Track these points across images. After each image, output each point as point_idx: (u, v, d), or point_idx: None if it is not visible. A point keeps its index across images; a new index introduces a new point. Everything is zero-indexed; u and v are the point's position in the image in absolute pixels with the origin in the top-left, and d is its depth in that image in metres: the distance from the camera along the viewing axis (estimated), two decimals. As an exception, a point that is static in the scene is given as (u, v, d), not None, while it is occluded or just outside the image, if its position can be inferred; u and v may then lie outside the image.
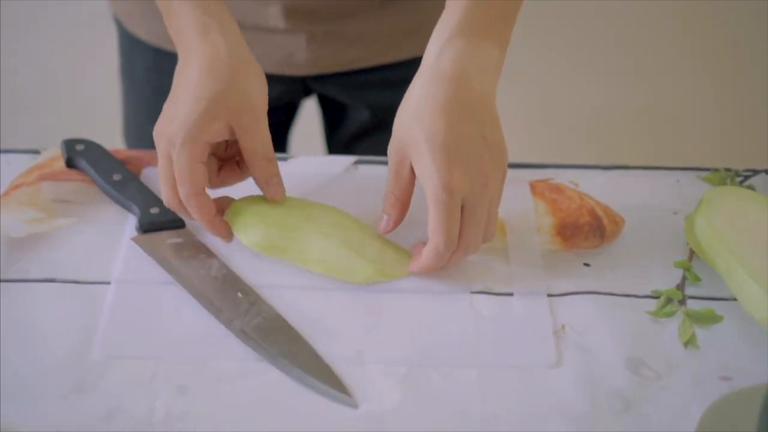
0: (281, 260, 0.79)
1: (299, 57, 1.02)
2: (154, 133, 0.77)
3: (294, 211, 0.80)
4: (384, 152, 0.79)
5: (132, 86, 1.11)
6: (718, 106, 1.92)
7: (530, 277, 0.79)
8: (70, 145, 0.86)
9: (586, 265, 0.81)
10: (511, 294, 0.78)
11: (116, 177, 0.84)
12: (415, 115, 0.75)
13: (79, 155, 0.86)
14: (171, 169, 0.76)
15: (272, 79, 1.03)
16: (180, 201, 0.77)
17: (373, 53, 1.04)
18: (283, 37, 1.01)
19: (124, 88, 1.13)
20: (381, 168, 0.89)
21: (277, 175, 0.79)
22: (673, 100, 1.92)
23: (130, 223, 0.82)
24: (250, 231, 0.79)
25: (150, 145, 1.11)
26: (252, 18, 1.00)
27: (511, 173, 0.88)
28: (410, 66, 1.04)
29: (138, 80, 1.10)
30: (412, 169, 0.76)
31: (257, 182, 0.79)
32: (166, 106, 0.77)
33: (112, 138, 1.55)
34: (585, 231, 0.84)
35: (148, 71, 1.07)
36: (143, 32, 1.05)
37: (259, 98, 0.78)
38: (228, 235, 0.80)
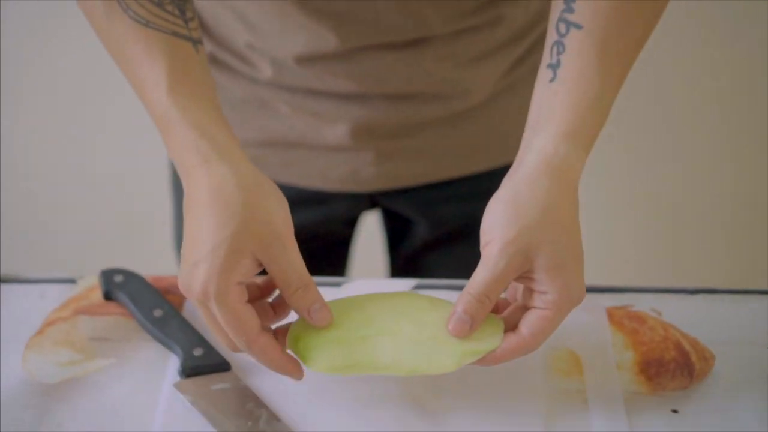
0: (340, 405, 0.72)
1: (365, 173, 0.95)
2: (181, 287, 0.69)
3: (353, 316, 0.72)
4: (450, 268, 0.72)
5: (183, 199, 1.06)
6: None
7: (612, 426, 0.71)
8: (108, 276, 0.81)
9: (674, 411, 0.73)
10: (592, 448, 0.70)
11: (157, 313, 0.78)
12: (552, 219, 0.68)
13: (118, 288, 0.80)
14: (215, 319, 0.69)
15: (336, 196, 0.98)
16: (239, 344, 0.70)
17: (441, 168, 0.97)
18: (348, 155, 0.94)
19: (177, 207, 1.07)
20: (441, 293, 0.82)
21: (318, 300, 0.70)
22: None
23: (172, 364, 0.76)
24: (314, 357, 0.70)
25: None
26: (313, 137, 0.94)
27: (585, 298, 0.81)
28: (479, 180, 0.98)
29: None
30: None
31: (299, 313, 0.72)
32: (184, 252, 0.69)
33: (160, 255, 1.49)
34: (671, 369, 0.76)
35: None
36: None
37: (281, 221, 0.69)
38: (298, 371, 0.71)
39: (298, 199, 0.96)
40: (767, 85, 1.59)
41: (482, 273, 0.68)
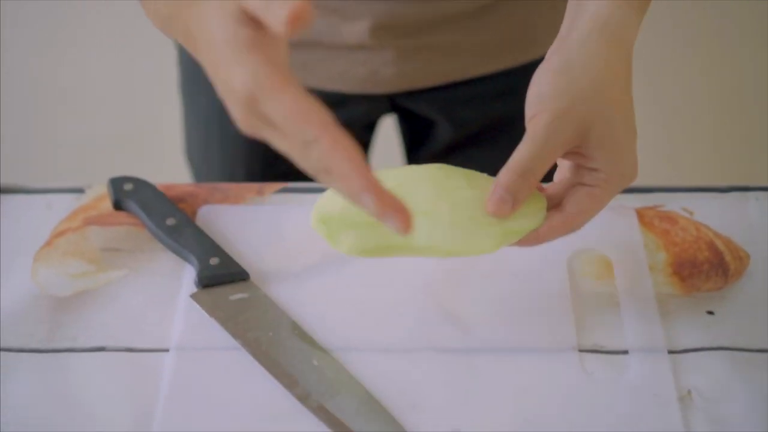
0: (362, 311, 0.69)
1: (385, 73, 0.91)
2: (225, 97, 0.55)
3: None
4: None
5: (196, 112, 1.01)
6: None
7: (646, 330, 0.69)
8: (117, 184, 0.77)
9: (710, 313, 0.70)
10: (625, 352, 0.68)
11: (170, 222, 0.75)
12: (607, 90, 0.63)
13: (128, 196, 0.76)
14: (269, 122, 0.54)
15: (355, 99, 0.93)
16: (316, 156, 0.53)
17: (467, 65, 0.93)
18: (367, 54, 0.90)
19: (187, 113, 1.03)
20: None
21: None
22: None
23: (187, 274, 0.73)
24: (342, 237, 0.65)
25: (216, 168, 1.02)
26: (329, 36, 0.89)
27: (613, 200, 0.78)
28: (506, 78, 0.93)
29: (203, 105, 0.99)
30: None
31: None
32: (207, 63, 0.57)
33: (169, 163, 1.45)
34: (705, 270, 0.73)
35: (212, 94, 0.95)
36: None
37: None
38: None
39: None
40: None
41: (528, 147, 0.62)
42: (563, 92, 0.63)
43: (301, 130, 0.52)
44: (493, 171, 0.67)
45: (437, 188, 0.65)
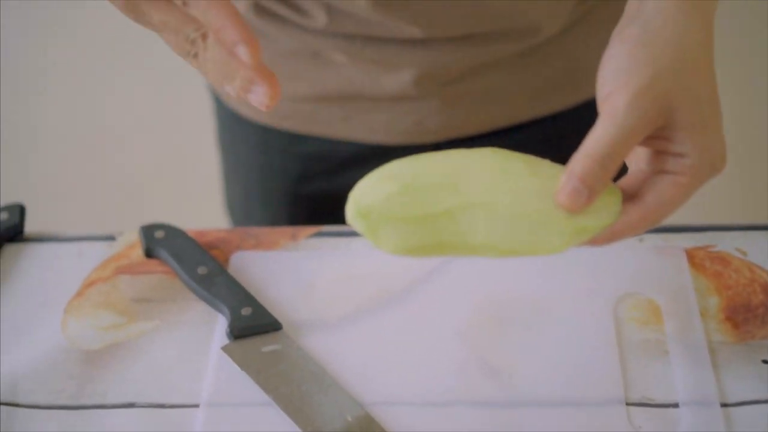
0: (398, 363, 0.67)
1: (430, 123, 0.87)
2: None
3: (433, 182, 0.56)
4: None
5: (235, 165, 0.99)
6: None
7: (698, 381, 0.65)
8: (148, 232, 0.76)
9: (765, 362, 0.66)
10: (675, 405, 0.64)
11: (201, 270, 0.73)
12: (691, 64, 0.56)
13: (159, 244, 0.75)
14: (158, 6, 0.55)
15: (399, 150, 0.88)
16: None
17: (513, 111, 0.88)
18: (411, 104, 0.86)
19: (226, 165, 1.01)
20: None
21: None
22: None
23: (219, 325, 0.71)
24: (385, 232, 0.56)
25: (257, 223, 0.99)
26: (372, 87, 0.85)
27: (660, 239, 0.75)
28: (553, 123, 0.89)
29: (242, 159, 0.96)
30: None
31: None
32: None
33: (207, 206, 1.42)
34: (761, 315, 0.69)
35: (254, 150, 0.94)
36: (248, 108, 0.91)
37: None
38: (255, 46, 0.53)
39: (359, 156, 0.89)
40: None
41: (606, 129, 0.54)
42: (646, 65, 0.55)
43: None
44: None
45: (494, 176, 0.56)
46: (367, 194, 0.56)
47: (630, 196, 0.57)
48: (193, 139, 1.49)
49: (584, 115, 0.62)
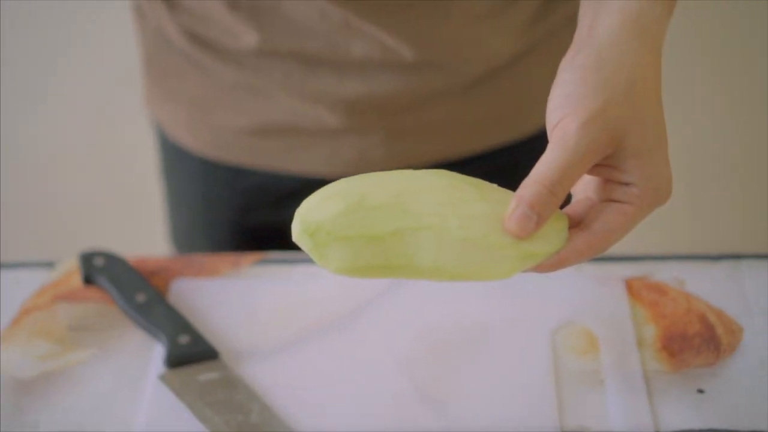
0: (336, 392, 0.67)
1: (374, 155, 0.86)
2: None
3: (382, 202, 0.55)
4: None
5: (178, 195, 0.97)
6: None
7: (633, 411, 0.65)
8: (87, 259, 0.75)
9: (700, 391, 0.67)
10: (610, 434, 0.65)
11: (140, 298, 0.72)
12: (641, 91, 0.56)
13: (98, 271, 0.74)
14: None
15: None
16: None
17: (460, 144, 0.87)
18: (353, 137, 0.85)
19: (169, 195, 0.99)
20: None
21: None
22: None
23: (157, 353, 0.70)
24: (331, 251, 0.55)
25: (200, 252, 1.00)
26: (313, 120, 0.84)
27: (599, 269, 0.76)
28: (500, 155, 0.88)
29: (184, 190, 0.96)
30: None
31: None
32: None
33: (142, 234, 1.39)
34: (696, 345, 0.70)
35: (196, 182, 0.93)
36: (190, 141, 0.90)
37: None
38: None
39: (303, 188, 0.88)
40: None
41: (556, 154, 0.54)
42: (598, 90, 0.55)
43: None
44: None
45: (443, 198, 0.56)
46: (313, 212, 0.55)
47: (577, 223, 0.58)
48: (138, 165, 1.47)
49: (534, 147, 0.62)
